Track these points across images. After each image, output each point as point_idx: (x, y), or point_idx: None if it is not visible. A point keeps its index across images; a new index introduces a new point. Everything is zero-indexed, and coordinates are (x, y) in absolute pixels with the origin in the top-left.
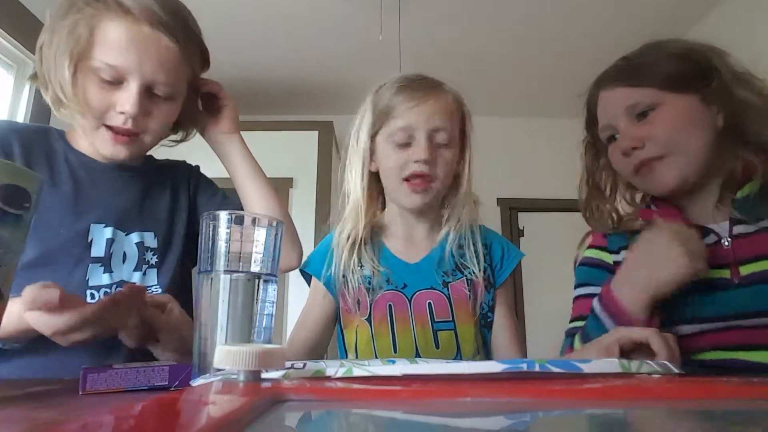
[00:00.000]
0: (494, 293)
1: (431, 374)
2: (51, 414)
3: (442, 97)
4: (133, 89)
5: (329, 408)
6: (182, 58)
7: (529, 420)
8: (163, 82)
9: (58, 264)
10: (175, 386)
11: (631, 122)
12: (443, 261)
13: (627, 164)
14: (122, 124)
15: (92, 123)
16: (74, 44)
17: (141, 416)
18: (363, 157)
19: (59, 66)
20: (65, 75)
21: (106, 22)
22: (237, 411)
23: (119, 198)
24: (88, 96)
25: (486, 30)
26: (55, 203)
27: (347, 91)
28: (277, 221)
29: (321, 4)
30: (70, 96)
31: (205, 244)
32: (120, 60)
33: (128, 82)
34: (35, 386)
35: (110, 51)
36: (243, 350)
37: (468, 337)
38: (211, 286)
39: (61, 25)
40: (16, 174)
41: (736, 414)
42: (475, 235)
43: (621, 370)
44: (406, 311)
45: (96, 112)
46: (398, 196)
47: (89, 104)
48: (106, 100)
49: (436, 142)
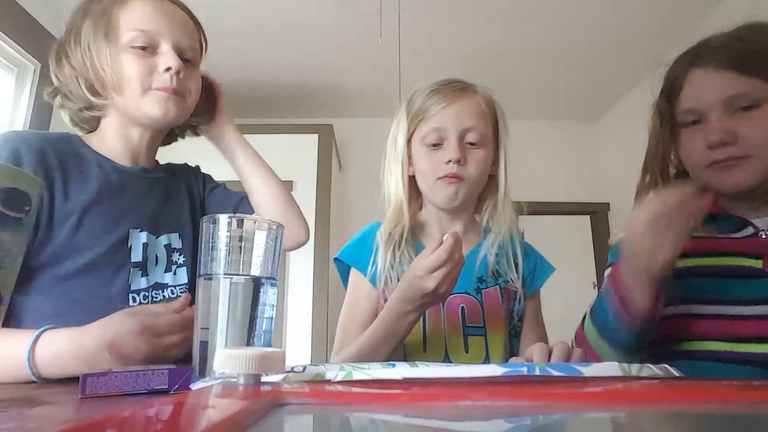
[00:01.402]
0: (524, 304)
1: (431, 378)
2: (51, 417)
3: (473, 98)
4: (168, 48)
5: (329, 411)
6: (198, 32)
7: (529, 423)
8: (189, 46)
9: (101, 270)
10: (174, 390)
11: (726, 114)
12: (479, 266)
13: (705, 156)
14: (168, 83)
15: (138, 91)
16: (105, 26)
17: (140, 420)
18: (401, 162)
19: (95, 51)
20: (103, 56)
21: (134, 1)
22: (237, 414)
23: (147, 202)
24: (127, 69)
25: (485, 34)
26: (96, 211)
27: (347, 95)
28: (277, 225)
29: (321, 8)
30: (111, 75)
31: (205, 247)
32: (151, 25)
33: (161, 45)
34: (35, 390)
35: (140, 20)
36: (243, 353)
37: (498, 345)
38: (211, 289)
39: (87, 18)
40: (16, 177)
41: (737, 417)
42: (515, 242)
43: (621, 374)
44: (439, 313)
45: (139, 79)
46: (434, 195)
47: (130, 76)
48: (146, 66)
49: (467, 141)
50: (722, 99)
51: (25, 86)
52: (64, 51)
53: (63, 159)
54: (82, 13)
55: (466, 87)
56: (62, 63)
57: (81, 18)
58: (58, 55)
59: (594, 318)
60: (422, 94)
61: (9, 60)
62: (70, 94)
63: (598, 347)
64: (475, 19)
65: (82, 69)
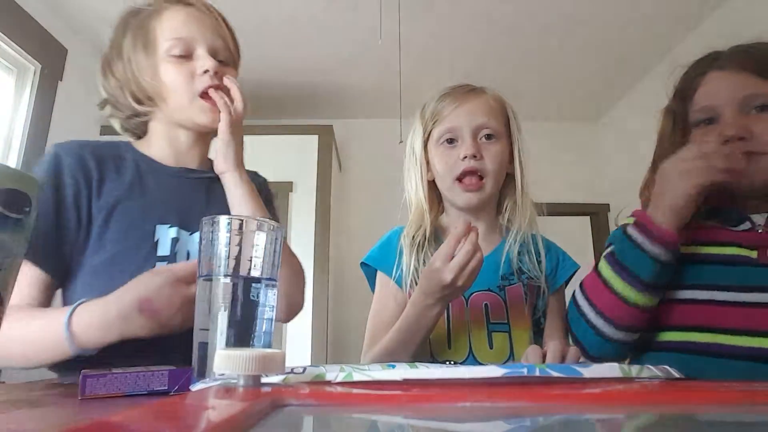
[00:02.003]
0: (547, 300)
1: (431, 378)
2: (50, 419)
3: (483, 97)
4: (203, 52)
5: (329, 413)
6: (231, 36)
7: (529, 425)
8: (222, 46)
9: (126, 264)
10: (174, 391)
11: (741, 112)
12: (502, 264)
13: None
14: (209, 82)
15: (185, 98)
16: (144, 39)
17: (140, 421)
18: (419, 167)
19: (135, 63)
20: (144, 68)
21: (169, 10)
22: (236, 416)
23: (185, 199)
24: (168, 78)
25: (485, 35)
26: (124, 206)
27: (347, 95)
28: (277, 225)
29: (320, 9)
30: (152, 85)
31: (205, 248)
32: (185, 32)
33: (196, 50)
34: (35, 390)
35: (175, 29)
36: (243, 355)
37: (522, 341)
38: (211, 290)
39: (128, 32)
40: (16, 178)
41: (737, 419)
42: (537, 241)
43: (621, 375)
44: (463, 311)
45: (181, 85)
46: (453, 197)
47: (173, 85)
48: (185, 73)
49: (482, 137)
50: (739, 97)
51: (25, 87)
52: (108, 65)
53: (101, 161)
54: (122, 29)
55: (476, 88)
56: (108, 76)
57: (122, 33)
58: (104, 69)
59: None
60: (433, 100)
61: (9, 61)
62: (118, 104)
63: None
64: (475, 20)
65: (125, 80)
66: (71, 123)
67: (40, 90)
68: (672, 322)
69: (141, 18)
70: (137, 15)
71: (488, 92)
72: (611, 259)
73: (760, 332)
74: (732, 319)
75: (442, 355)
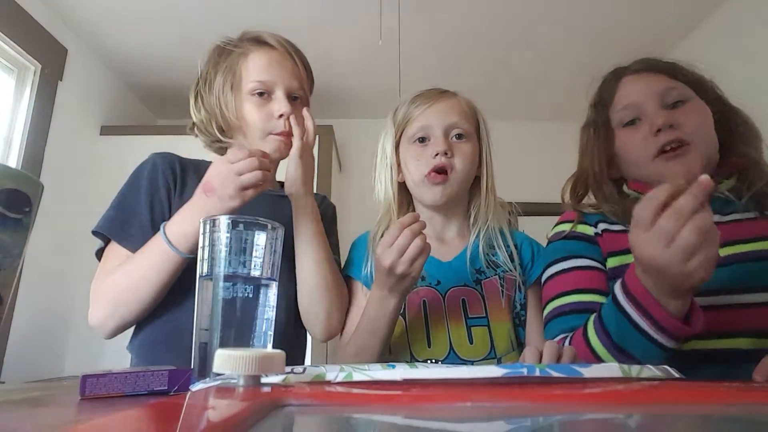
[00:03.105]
0: (526, 292)
1: (431, 378)
2: (50, 419)
3: (455, 99)
4: (281, 95)
5: (329, 413)
6: (306, 76)
7: (529, 425)
8: (298, 87)
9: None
10: (174, 391)
11: (661, 107)
12: (476, 260)
13: (651, 145)
14: (283, 128)
15: (259, 135)
16: (232, 78)
17: (140, 421)
18: (390, 168)
19: (224, 101)
20: (231, 104)
21: (254, 53)
22: (236, 416)
23: (251, 210)
24: (248, 116)
25: (484, 35)
26: None
27: (347, 96)
28: (276, 226)
29: (320, 10)
30: (235, 120)
31: (205, 248)
32: (266, 75)
33: (275, 92)
34: (34, 391)
35: (258, 71)
36: (242, 355)
37: (502, 334)
38: (211, 290)
39: (219, 71)
40: (17, 178)
41: (736, 419)
42: (505, 235)
43: (621, 375)
44: (440, 307)
45: (259, 124)
46: (422, 194)
47: (252, 123)
48: (264, 113)
49: (453, 137)
50: (657, 92)
51: (26, 87)
52: (200, 95)
53: (186, 169)
54: (214, 67)
55: (447, 91)
56: (199, 105)
57: (213, 70)
58: (195, 98)
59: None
60: (405, 102)
61: (9, 61)
62: (205, 131)
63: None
64: (475, 20)
65: (213, 114)
66: (71, 123)
67: (40, 90)
68: None
69: (231, 59)
70: (228, 55)
71: (459, 96)
72: (606, 341)
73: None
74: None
75: (422, 353)
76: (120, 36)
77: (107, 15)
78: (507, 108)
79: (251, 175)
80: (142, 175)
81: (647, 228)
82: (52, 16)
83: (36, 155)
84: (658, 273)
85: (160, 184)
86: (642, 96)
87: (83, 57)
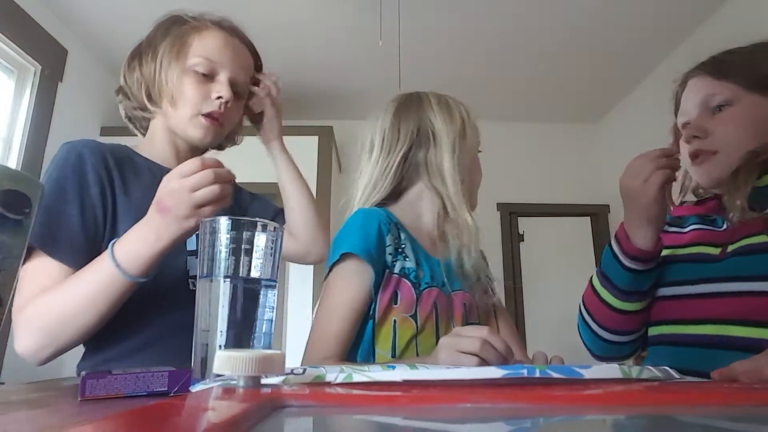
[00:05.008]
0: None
1: (431, 380)
2: (50, 420)
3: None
4: (224, 80)
5: (329, 414)
6: (252, 69)
7: (530, 426)
8: (242, 81)
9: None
10: (174, 392)
11: (704, 113)
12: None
13: (686, 151)
14: (217, 109)
15: (189, 112)
16: (180, 47)
17: (140, 422)
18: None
19: (165, 67)
20: (171, 72)
21: (208, 31)
22: (236, 417)
23: None
24: (186, 90)
25: (485, 36)
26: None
27: (347, 96)
28: (276, 227)
29: (321, 11)
30: (172, 89)
31: (205, 249)
32: (217, 56)
33: (220, 75)
34: (35, 391)
35: (210, 49)
36: (243, 356)
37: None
38: (211, 291)
39: (167, 37)
40: (16, 179)
41: (736, 419)
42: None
43: (621, 376)
44: (448, 309)
45: (193, 100)
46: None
47: (187, 96)
48: (202, 92)
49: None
50: (698, 100)
51: (26, 88)
52: (139, 59)
53: (119, 161)
54: (164, 33)
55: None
56: (134, 68)
57: (162, 36)
58: (132, 60)
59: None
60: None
61: (9, 62)
62: (131, 94)
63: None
64: (475, 21)
65: (149, 78)
66: (71, 123)
67: (41, 91)
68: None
69: (184, 29)
70: (181, 25)
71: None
72: (599, 270)
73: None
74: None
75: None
76: (120, 36)
77: (107, 15)
78: (506, 110)
79: (207, 190)
80: (65, 171)
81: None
82: (52, 17)
83: (36, 156)
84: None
85: (90, 181)
86: (689, 104)
87: (83, 58)
